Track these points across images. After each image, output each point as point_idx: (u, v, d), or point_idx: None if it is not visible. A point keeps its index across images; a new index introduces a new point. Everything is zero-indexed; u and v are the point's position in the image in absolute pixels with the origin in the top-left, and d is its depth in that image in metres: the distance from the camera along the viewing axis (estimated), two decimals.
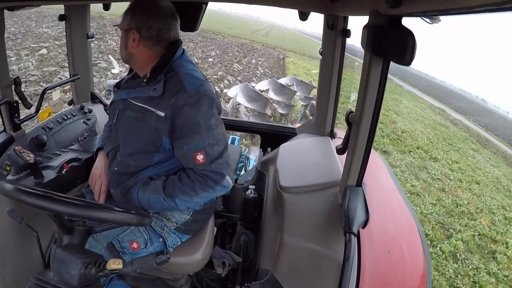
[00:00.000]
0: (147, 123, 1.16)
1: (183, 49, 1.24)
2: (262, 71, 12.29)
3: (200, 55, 12.84)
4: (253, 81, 9.89)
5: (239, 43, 21.04)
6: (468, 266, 3.85)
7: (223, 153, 1.14)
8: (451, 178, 6.50)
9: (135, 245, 1.23)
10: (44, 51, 8.88)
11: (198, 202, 1.26)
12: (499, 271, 3.88)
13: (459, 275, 3.67)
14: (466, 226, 4.79)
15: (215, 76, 9.91)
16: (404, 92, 17.56)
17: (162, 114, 1.13)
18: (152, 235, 1.26)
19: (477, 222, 4.97)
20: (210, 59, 12.15)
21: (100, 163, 1.33)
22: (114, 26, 1.26)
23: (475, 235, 4.58)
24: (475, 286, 3.54)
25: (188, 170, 1.16)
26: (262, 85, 6.73)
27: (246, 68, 12.48)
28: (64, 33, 1.78)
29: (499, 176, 7.58)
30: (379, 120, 1.06)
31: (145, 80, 1.17)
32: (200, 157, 1.11)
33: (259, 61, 14.94)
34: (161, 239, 1.27)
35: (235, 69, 11.53)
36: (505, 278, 3.75)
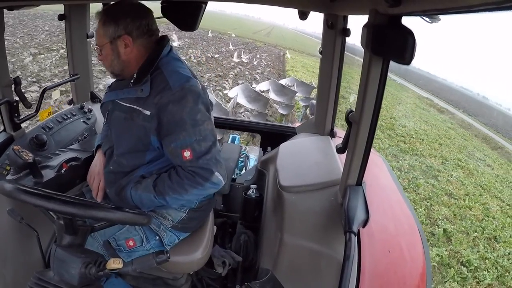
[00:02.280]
0: (135, 122, 1.16)
1: (171, 46, 1.24)
2: (266, 63, 15.32)
3: (214, 50, 15.85)
4: (258, 69, 12.74)
5: (244, 42, 23.58)
6: (409, 175, 4.86)
7: (211, 149, 1.14)
8: (414, 137, 7.20)
9: (131, 243, 1.24)
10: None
11: (190, 199, 1.25)
12: (437, 184, 4.67)
13: (400, 178, 4.59)
14: (416, 160, 5.53)
15: (229, 65, 12.33)
16: (396, 85, 18.11)
17: (148, 112, 1.14)
18: (148, 233, 1.26)
19: (428, 160, 5.66)
20: (217, 55, 14.86)
21: (98, 161, 1.34)
22: (96, 47, 1.19)
23: (423, 166, 5.37)
24: (412, 184, 4.57)
25: (177, 168, 1.16)
26: (262, 86, 6.73)
27: (252, 61, 15.08)
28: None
29: (466, 145, 8.03)
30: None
31: (132, 81, 1.17)
32: (187, 154, 1.11)
33: (262, 56, 17.72)
34: (157, 237, 1.27)
35: (244, 61, 14.01)
36: (441, 189, 4.72)
